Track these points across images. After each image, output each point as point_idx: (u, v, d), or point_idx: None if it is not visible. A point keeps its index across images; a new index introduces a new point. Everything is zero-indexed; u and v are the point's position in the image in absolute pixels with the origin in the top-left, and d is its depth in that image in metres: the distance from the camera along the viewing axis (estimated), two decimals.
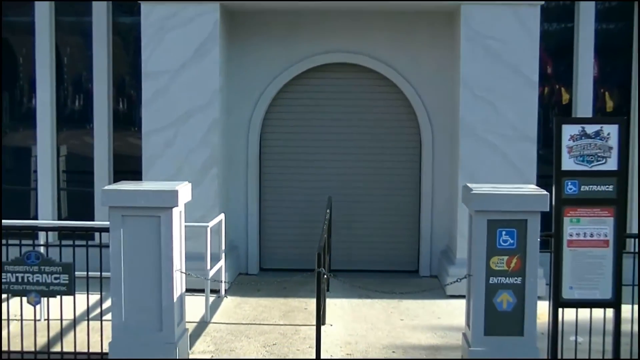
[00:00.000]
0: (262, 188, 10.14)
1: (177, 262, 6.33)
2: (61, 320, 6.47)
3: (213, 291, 8.31)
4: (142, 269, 6.18)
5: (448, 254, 9.49)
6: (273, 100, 9.95)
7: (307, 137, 10.07)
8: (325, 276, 7.03)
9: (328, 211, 8.60)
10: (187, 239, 6.82)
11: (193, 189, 6.95)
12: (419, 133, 9.91)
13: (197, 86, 8.93)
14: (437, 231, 9.89)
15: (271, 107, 9.99)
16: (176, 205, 6.16)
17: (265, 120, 10.01)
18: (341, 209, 9.90)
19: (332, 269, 9.19)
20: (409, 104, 9.86)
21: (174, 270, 6.22)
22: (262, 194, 10.14)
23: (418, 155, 9.99)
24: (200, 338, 7.19)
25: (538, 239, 6.12)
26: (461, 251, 8.58)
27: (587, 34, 9.61)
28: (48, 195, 9.97)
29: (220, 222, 8.64)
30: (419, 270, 10.03)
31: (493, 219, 6.09)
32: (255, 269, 10.07)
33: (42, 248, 7.05)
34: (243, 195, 9.97)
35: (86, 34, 9.93)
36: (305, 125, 10.06)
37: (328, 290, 8.59)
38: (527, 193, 6.17)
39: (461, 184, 7.93)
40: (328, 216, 8.45)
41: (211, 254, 8.00)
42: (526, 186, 6.68)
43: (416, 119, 9.89)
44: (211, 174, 9.01)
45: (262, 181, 10.13)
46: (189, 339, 6.81)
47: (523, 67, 8.79)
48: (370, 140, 10.03)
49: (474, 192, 6.15)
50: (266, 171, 10.13)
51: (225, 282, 8.42)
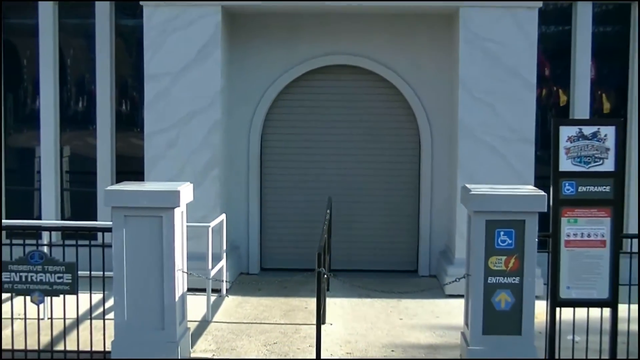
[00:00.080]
0: (263, 189, 10.14)
1: (179, 262, 6.33)
2: (64, 319, 6.48)
3: (214, 290, 8.32)
4: (145, 269, 6.18)
5: (447, 254, 9.49)
6: (274, 101, 9.96)
7: (308, 138, 10.08)
8: (325, 276, 7.03)
9: (328, 211, 8.61)
10: (189, 239, 6.82)
11: (195, 190, 6.95)
12: (418, 134, 9.92)
13: (199, 88, 8.94)
14: (436, 231, 9.89)
15: (272, 109, 10.00)
16: (178, 205, 6.16)
17: (266, 121, 10.01)
18: (341, 210, 9.90)
19: (332, 269, 9.18)
20: (409, 106, 9.86)
21: (176, 269, 6.23)
22: (263, 195, 10.15)
23: (417, 156, 9.99)
24: (201, 337, 7.19)
25: (536, 239, 6.12)
26: (460, 251, 8.58)
27: (585, 37, 9.61)
28: (51, 195, 9.97)
29: (221, 222, 8.64)
30: (418, 270, 10.03)
31: (491, 220, 6.09)
32: (256, 269, 10.07)
33: (46, 248, 7.04)
34: (244, 195, 9.97)
35: (89, 36, 9.93)
36: (305, 126, 10.06)
37: (328, 289, 8.59)
38: (525, 194, 6.17)
39: (460, 185, 7.94)
40: (328, 216, 8.45)
41: (212, 254, 8.00)
42: (524, 187, 6.68)
43: (415, 121, 9.89)
44: (212, 175, 9.02)
45: (263, 182, 10.13)
46: (191, 338, 6.81)
47: (521, 70, 8.80)
48: (370, 141, 10.04)
49: (473, 193, 6.15)
50: (267, 172, 10.14)
51: (226, 282, 8.42)
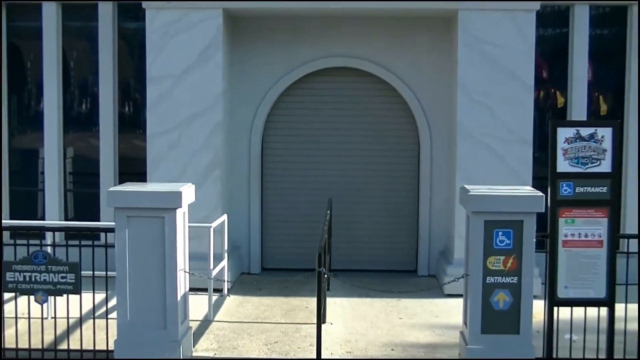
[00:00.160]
0: (264, 189, 10.14)
1: (181, 262, 6.33)
2: (68, 318, 6.48)
3: (216, 290, 8.32)
4: (147, 269, 6.18)
5: (446, 254, 9.49)
6: (275, 103, 9.96)
7: (308, 140, 10.08)
8: (325, 276, 7.03)
9: (328, 212, 8.61)
10: (191, 239, 6.82)
11: (196, 190, 6.95)
12: (418, 136, 9.92)
13: (201, 90, 8.94)
14: (435, 232, 9.89)
15: (273, 110, 10.00)
16: (180, 206, 6.16)
17: (267, 123, 10.02)
18: (341, 210, 9.90)
19: (333, 269, 9.18)
20: (408, 108, 9.86)
21: (178, 269, 6.23)
22: (264, 195, 10.14)
23: (416, 157, 9.99)
24: (203, 336, 7.19)
25: (534, 240, 6.12)
26: (459, 251, 8.58)
27: (582, 40, 9.61)
28: (55, 196, 9.97)
29: (223, 223, 8.64)
30: (418, 270, 10.03)
31: (490, 220, 6.09)
32: (257, 269, 10.07)
33: (50, 248, 7.05)
34: (245, 196, 9.97)
35: (92, 39, 9.93)
36: (306, 127, 10.06)
37: (328, 289, 8.59)
38: (523, 194, 6.17)
39: (459, 186, 7.92)
40: (328, 217, 8.45)
41: (214, 254, 8.00)
42: (522, 188, 6.68)
43: (415, 122, 9.89)
44: (214, 176, 9.02)
45: (264, 182, 10.13)
46: (193, 337, 6.81)
47: (519, 72, 8.80)
48: (369, 142, 10.04)
49: (471, 194, 6.15)
50: (268, 173, 10.14)
51: (227, 282, 8.41)
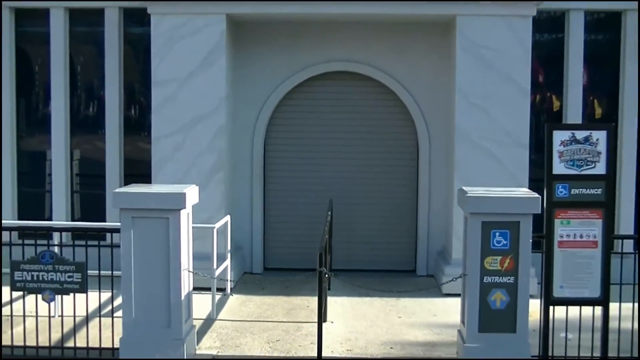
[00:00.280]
0: (266, 191, 10.14)
1: (185, 262, 6.34)
2: (74, 316, 6.48)
3: (219, 289, 8.32)
4: (152, 268, 6.18)
5: (444, 254, 9.49)
6: (277, 107, 9.96)
7: (309, 142, 10.08)
8: (326, 275, 7.03)
9: (329, 213, 8.61)
10: (195, 240, 6.82)
11: (200, 192, 6.96)
12: (417, 138, 9.92)
13: (205, 94, 8.95)
14: (434, 232, 9.89)
15: (275, 114, 10.00)
16: (184, 207, 6.17)
17: (269, 126, 10.02)
18: (342, 211, 9.90)
19: (333, 269, 9.18)
20: (407, 111, 9.86)
21: (182, 269, 6.23)
22: (266, 197, 10.14)
23: (415, 159, 9.99)
24: (206, 334, 7.19)
25: (530, 240, 6.12)
26: (456, 251, 8.58)
27: (577, 44, 9.61)
28: (62, 197, 9.98)
29: (226, 224, 8.64)
30: (416, 269, 10.03)
31: (487, 221, 6.09)
32: (259, 269, 10.07)
33: (57, 248, 7.04)
34: (248, 197, 9.98)
35: (99, 44, 9.94)
36: (307, 130, 10.06)
37: (329, 288, 8.59)
38: (520, 196, 6.17)
39: (457, 187, 7.94)
40: (329, 218, 8.45)
41: (217, 254, 8.00)
42: (519, 189, 6.68)
43: (414, 125, 9.89)
44: (217, 177, 9.02)
45: (266, 184, 10.13)
46: (196, 335, 6.81)
47: (516, 76, 8.80)
48: (369, 145, 10.03)
49: (469, 195, 6.15)
50: (270, 175, 10.14)
51: (230, 281, 8.42)
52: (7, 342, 6.46)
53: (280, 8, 8.84)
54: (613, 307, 6.20)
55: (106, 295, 7.00)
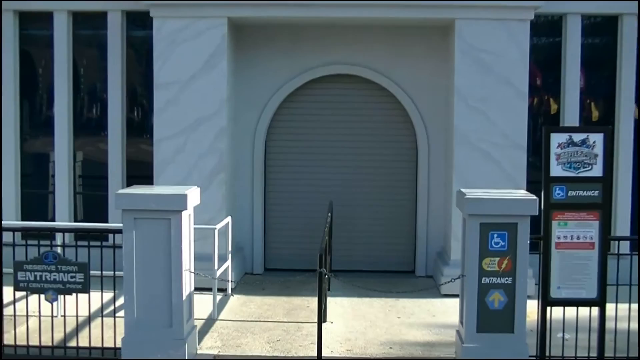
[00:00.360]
0: (267, 192, 10.14)
1: (186, 262, 6.33)
2: (77, 316, 6.48)
3: (220, 290, 8.31)
4: (153, 269, 6.18)
5: (443, 256, 9.48)
6: (277, 109, 9.96)
7: (310, 144, 10.08)
8: (326, 276, 7.03)
9: (329, 214, 8.60)
10: (196, 240, 6.83)
11: (201, 193, 6.96)
12: (416, 141, 9.92)
13: (206, 96, 8.95)
14: (433, 234, 9.88)
15: (276, 116, 10.00)
16: (185, 208, 6.16)
17: (270, 128, 10.02)
18: (342, 212, 9.89)
19: (333, 269, 9.18)
20: (406, 113, 9.87)
21: (183, 269, 6.23)
22: (267, 198, 10.14)
23: (414, 162, 9.99)
24: (208, 334, 7.19)
25: (528, 241, 6.12)
26: (455, 253, 8.58)
27: (574, 48, 9.61)
28: (65, 198, 9.98)
29: (227, 225, 8.64)
30: (415, 270, 10.03)
31: (485, 222, 6.09)
32: (260, 269, 10.07)
33: (59, 248, 7.06)
34: (249, 199, 9.98)
35: (101, 47, 9.94)
36: (307, 133, 10.07)
37: (329, 289, 8.59)
38: (518, 198, 6.17)
39: (455, 189, 7.93)
40: (329, 219, 8.45)
41: (218, 255, 8.00)
42: (517, 191, 6.68)
43: (413, 128, 9.89)
44: (219, 179, 9.02)
45: (267, 186, 10.13)
46: (198, 335, 6.81)
47: (514, 79, 8.81)
48: (369, 147, 10.04)
49: (468, 197, 6.15)
50: (271, 176, 10.14)
51: (231, 282, 8.41)
52: (10, 342, 6.47)
53: (281, 11, 8.85)
54: (610, 308, 6.20)
55: (108, 295, 7.01)
